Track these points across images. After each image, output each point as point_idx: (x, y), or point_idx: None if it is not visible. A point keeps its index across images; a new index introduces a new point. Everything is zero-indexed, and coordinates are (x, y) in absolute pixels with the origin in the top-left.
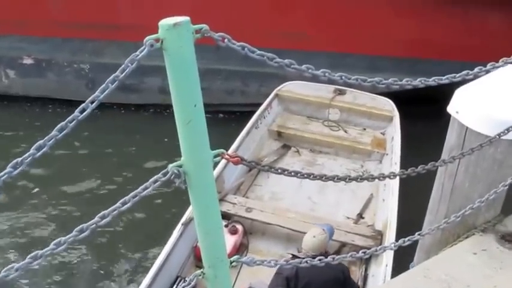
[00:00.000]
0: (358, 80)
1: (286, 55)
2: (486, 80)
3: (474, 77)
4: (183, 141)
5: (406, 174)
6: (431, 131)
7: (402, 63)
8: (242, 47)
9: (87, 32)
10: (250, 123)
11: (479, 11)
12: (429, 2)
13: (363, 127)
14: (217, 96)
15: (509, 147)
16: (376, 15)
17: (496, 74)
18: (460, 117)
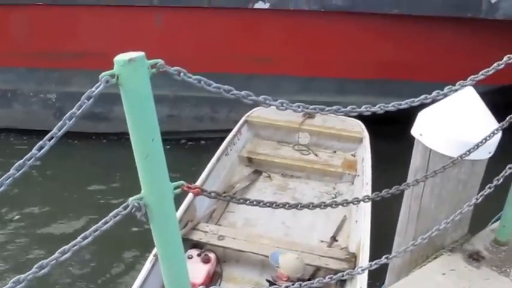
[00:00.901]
0: (316, 108)
1: (256, 80)
2: (447, 102)
3: (433, 101)
4: (142, 175)
5: (371, 198)
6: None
7: (371, 84)
8: (198, 80)
9: (53, 61)
10: (220, 150)
11: (445, 31)
12: (396, 24)
13: (334, 149)
14: (186, 124)
15: (472, 167)
16: (343, 38)
17: (456, 96)
18: (424, 139)
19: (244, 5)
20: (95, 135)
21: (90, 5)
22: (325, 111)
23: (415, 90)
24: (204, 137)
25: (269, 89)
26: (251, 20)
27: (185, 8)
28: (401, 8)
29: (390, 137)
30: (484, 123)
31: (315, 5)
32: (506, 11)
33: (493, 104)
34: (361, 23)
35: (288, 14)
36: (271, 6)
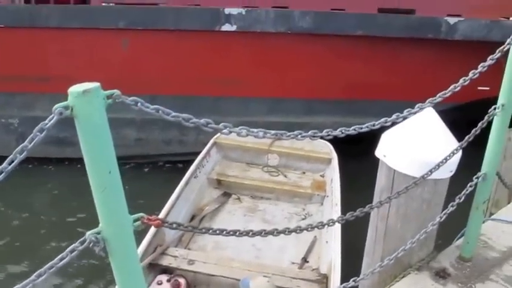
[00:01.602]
0: (277, 134)
1: (225, 102)
2: (409, 124)
3: (392, 124)
4: (100, 208)
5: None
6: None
7: (339, 104)
8: (156, 110)
9: (16, 85)
10: (188, 173)
11: (408, 51)
12: (361, 45)
13: (303, 171)
14: (155, 147)
15: (435, 186)
16: (311, 59)
17: (417, 117)
18: (388, 160)
19: (211, 28)
20: (67, 161)
21: (54, 28)
22: (286, 137)
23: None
24: (172, 160)
25: (238, 110)
26: (218, 43)
27: (152, 30)
28: (365, 30)
29: (358, 156)
30: (445, 143)
31: (282, 27)
32: (464, 32)
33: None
34: (327, 44)
35: (255, 36)
36: (238, 28)
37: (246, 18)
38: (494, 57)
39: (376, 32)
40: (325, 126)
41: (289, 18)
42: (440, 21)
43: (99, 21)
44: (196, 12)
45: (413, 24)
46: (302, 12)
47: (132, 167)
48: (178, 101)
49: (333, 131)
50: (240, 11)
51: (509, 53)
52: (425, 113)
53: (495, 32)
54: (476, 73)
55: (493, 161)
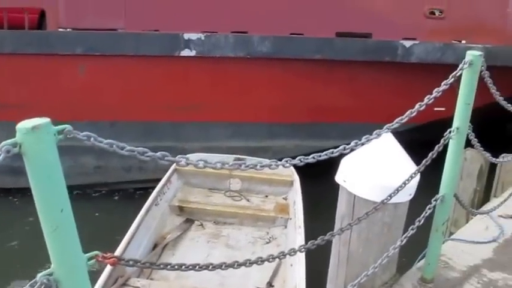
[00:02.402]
0: (236, 165)
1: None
2: (368, 148)
3: (351, 150)
4: (51, 248)
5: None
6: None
7: (299, 128)
8: (110, 145)
9: None
10: (149, 201)
11: (366, 74)
12: (320, 68)
13: (265, 194)
14: (114, 174)
15: (395, 210)
16: (270, 83)
17: (376, 142)
18: (348, 185)
19: (170, 53)
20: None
21: (8, 53)
22: (244, 167)
23: (342, 131)
24: (133, 188)
25: (199, 136)
26: (178, 68)
27: (110, 56)
28: (324, 53)
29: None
30: (403, 167)
31: (241, 52)
32: (419, 55)
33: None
34: (286, 68)
35: (214, 61)
36: (198, 53)
37: (206, 43)
38: (447, 83)
39: (334, 56)
40: (286, 150)
41: (248, 43)
42: (396, 44)
43: (55, 47)
44: (155, 37)
45: (370, 48)
46: (261, 37)
47: (103, 194)
48: (139, 127)
49: (292, 160)
50: (199, 36)
51: (461, 78)
52: (383, 138)
53: (448, 54)
54: (431, 98)
55: (450, 183)
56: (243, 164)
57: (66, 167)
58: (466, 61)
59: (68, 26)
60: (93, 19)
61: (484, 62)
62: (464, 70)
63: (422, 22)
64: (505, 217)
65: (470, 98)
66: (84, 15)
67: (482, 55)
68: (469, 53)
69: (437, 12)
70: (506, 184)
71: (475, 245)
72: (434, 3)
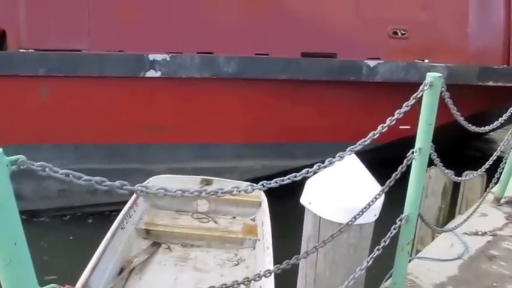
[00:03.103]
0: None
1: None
2: (332, 170)
3: (314, 173)
4: (5, 282)
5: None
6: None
7: (266, 148)
8: (66, 174)
9: None
10: (115, 224)
11: (332, 94)
12: (286, 88)
13: (233, 215)
14: (79, 198)
15: (360, 231)
16: (237, 103)
17: (340, 163)
18: (313, 207)
19: (135, 74)
20: None
21: None
22: (206, 194)
23: (309, 151)
24: (99, 211)
25: (166, 157)
26: (143, 89)
27: (74, 77)
28: (289, 73)
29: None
30: (367, 188)
31: (207, 73)
32: (384, 74)
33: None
34: (252, 88)
35: (180, 81)
36: (163, 74)
37: (171, 64)
38: (408, 104)
39: (300, 76)
40: (254, 170)
41: (214, 63)
42: (361, 64)
43: (17, 68)
44: (120, 58)
45: (335, 68)
46: (227, 58)
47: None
48: (103, 150)
49: (255, 185)
50: (165, 57)
51: (422, 99)
52: (347, 159)
53: (412, 73)
54: (393, 120)
55: (414, 202)
56: (204, 191)
57: (29, 190)
58: (427, 83)
59: (29, 47)
60: (55, 39)
61: (444, 83)
62: (425, 92)
63: (385, 42)
64: (469, 234)
65: (431, 118)
66: (47, 35)
67: (442, 77)
68: (429, 74)
69: (400, 32)
70: (470, 201)
71: (441, 262)
72: (397, 24)
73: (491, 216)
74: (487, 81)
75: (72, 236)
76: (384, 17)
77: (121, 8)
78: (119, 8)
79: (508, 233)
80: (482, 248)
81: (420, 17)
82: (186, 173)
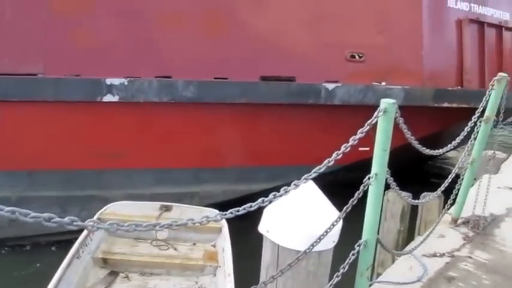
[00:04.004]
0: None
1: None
2: (290, 197)
3: (269, 203)
4: None
5: None
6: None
7: (226, 172)
8: (12, 212)
9: None
10: (70, 254)
11: (291, 117)
12: (246, 112)
13: (193, 242)
14: (32, 227)
15: (319, 258)
16: (196, 128)
17: (297, 190)
18: (271, 235)
19: (92, 99)
20: None
21: None
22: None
23: (270, 174)
24: (54, 240)
25: (124, 183)
26: (100, 114)
27: (29, 102)
28: (249, 97)
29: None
30: (325, 214)
31: (165, 97)
32: (342, 97)
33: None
34: (212, 112)
35: (138, 106)
36: (121, 99)
37: (129, 89)
38: (363, 131)
39: (259, 99)
40: (214, 195)
41: (172, 87)
42: (319, 87)
43: None
44: (76, 82)
45: (294, 91)
46: (185, 82)
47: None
48: (59, 176)
49: (210, 217)
50: (122, 81)
51: (377, 125)
52: (304, 186)
53: (370, 96)
54: (347, 146)
55: (372, 227)
56: (158, 224)
57: None
58: (381, 109)
59: None
60: (10, 63)
61: (398, 109)
62: (380, 118)
63: (343, 65)
64: (428, 256)
65: (386, 144)
66: (1, 59)
67: (395, 102)
68: (383, 101)
69: (358, 55)
70: (428, 222)
71: (401, 286)
72: (355, 47)
73: (449, 237)
74: (442, 102)
75: (33, 267)
76: (341, 41)
77: (78, 32)
78: (75, 31)
79: (466, 254)
80: (441, 269)
81: (376, 41)
82: (145, 199)
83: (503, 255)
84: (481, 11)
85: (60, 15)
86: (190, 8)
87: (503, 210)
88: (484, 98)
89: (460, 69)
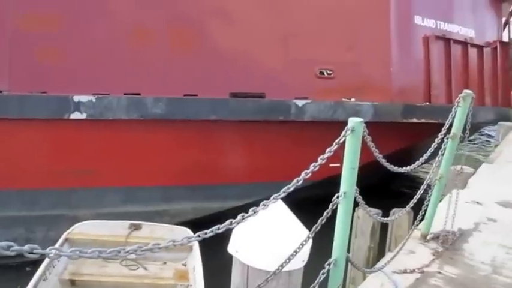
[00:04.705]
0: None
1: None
2: (259, 217)
3: (238, 224)
4: None
5: None
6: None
7: (197, 190)
8: None
9: None
10: (36, 276)
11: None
12: (216, 129)
13: (163, 261)
14: None
15: (289, 277)
16: (165, 145)
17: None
18: (240, 256)
19: (59, 116)
20: None
21: None
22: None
23: (241, 191)
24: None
25: (92, 202)
26: (68, 132)
27: None
28: (219, 114)
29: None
30: (294, 234)
31: (134, 114)
32: (312, 113)
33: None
34: (181, 129)
35: (107, 124)
36: (89, 116)
37: (97, 106)
38: (331, 150)
39: (229, 116)
40: (184, 213)
41: (141, 105)
42: (289, 104)
43: None
44: (43, 100)
45: (264, 108)
46: (155, 99)
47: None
48: (25, 196)
49: (176, 241)
50: (90, 99)
51: (345, 144)
52: (273, 206)
53: (339, 112)
54: (317, 166)
55: (341, 246)
56: (122, 250)
57: None
58: (349, 128)
59: None
60: None
61: (365, 127)
62: (347, 136)
63: (313, 82)
64: (398, 272)
65: (354, 162)
66: None
67: (363, 121)
68: (351, 120)
69: (327, 72)
70: (399, 238)
71: None
72: (324, 64)
73: (419, 253)
74: (411, 118)
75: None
76: (310, 58)
77: (44, 48)
78: (42, 48)
79: (435, 269)
80: (411, 286)
81: (345, 58)
82: (114, 218)
83: (471, 269)
84: (447, 28)
85: (25, 32)
86: (160, 25)
87: (471, 225)
88: (450, 115)
89: (427, 85)
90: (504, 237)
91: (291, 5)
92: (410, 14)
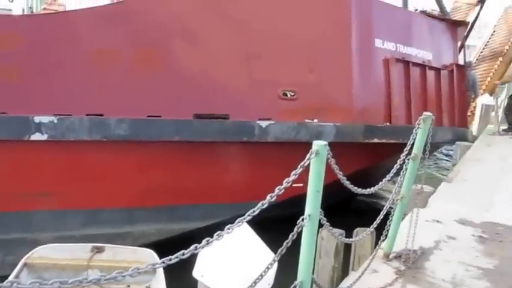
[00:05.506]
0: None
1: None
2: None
3: (203, 248)
4: None
5: None
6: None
7: (161, 211)
8: None
9: None
10: None
11: (226, 155)
12: (179, 150)
13: (127, 284)
14: None
15: None
16: (128, 166)
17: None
18: (206, 280)
19: (19, 137)
20: None
21: None
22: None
23: (205, 212)
24: None
25: (52, 225)
26: (28, 153)
27: None
28: (182, 135)
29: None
30: (260, 257)
31: (97, 135)
32: (275, 134)
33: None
34: (145, 151)
35: (68, 145)
36: (50, 137)
37: (58, 127)
38: (296, 173)
39: (193, 137)
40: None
41: (104, 125)
42: (253, 125)
43: None
44: (2, 120)
45: (228, 129)
46: (118, 120)
47: None
48: None
49: (141, 267)
50: (52, 119)
51: (310, 167)
52: (238, 229)
53: (302, 133)
54: (282, 189)
55: (307, 268)
56: (85, 280)
57: None
58: (313, 151)
59: None
60: None
61: (330, 150)
62: (312, 160)
63: (276, 103)
64: None
65: (319, 185)
66: None
67: (327, 144)
68: (316, 143)
69: (290, 94)
70: (362, 257)
71: None
72: (287, 86)
73: (382, 272)
74: (372, 138)
75: None
76: (273, 79)
77: (3, 68)
78: (1, 67)
79: None
80: None
81: (308, 79)
82: (76, 240)
83: (433, 287)
84: (406, 51)
85: None
86: (123, 45)
87: (431, 243)
88: (412, 136)
89: (388, 106)
90: (463, 255)
91: (254, 27)
92: (371, 37)
